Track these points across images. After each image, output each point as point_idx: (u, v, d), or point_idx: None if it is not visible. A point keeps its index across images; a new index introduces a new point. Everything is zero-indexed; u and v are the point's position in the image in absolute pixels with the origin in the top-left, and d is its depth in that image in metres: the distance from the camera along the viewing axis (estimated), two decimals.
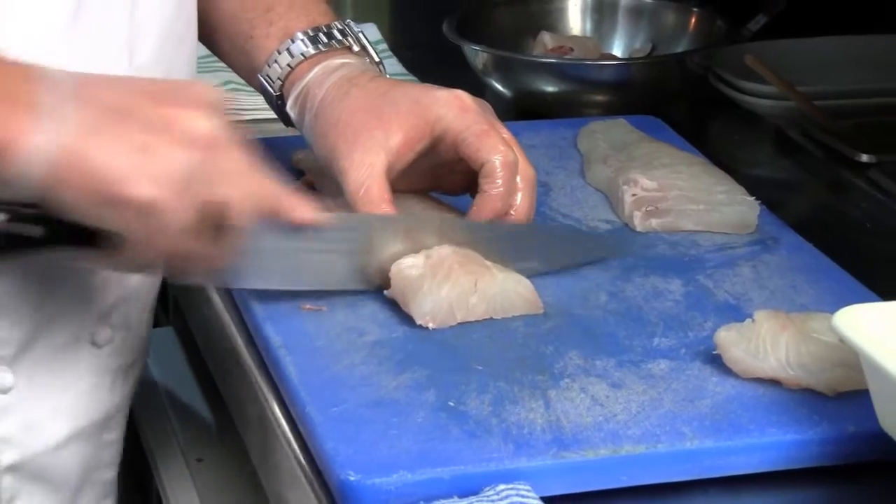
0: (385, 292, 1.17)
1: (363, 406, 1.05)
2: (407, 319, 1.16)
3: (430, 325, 1.13)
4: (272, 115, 1.60)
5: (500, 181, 1.20)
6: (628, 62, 1.71)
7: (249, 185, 1.02)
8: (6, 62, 0.98)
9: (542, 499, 0.96)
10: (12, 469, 1.15)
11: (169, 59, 1.20)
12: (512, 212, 1.22)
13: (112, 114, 0.97)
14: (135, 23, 1.15)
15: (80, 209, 0.97)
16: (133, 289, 1.20)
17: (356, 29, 1.30)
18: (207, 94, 1.01)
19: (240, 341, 1.19)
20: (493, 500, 0.96)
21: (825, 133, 1.55)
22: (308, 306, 1.17)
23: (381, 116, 1.21)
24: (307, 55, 1.28)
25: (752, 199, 1.34)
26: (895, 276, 1.28)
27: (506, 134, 1.23)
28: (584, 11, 1.78)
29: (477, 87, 1.65)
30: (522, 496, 0.96)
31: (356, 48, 1.29)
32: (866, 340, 0.97)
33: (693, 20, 1.73)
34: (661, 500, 1.01)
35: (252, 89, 1.64)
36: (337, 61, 1.27)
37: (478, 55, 1.64)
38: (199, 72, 1.65)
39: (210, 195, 1.00)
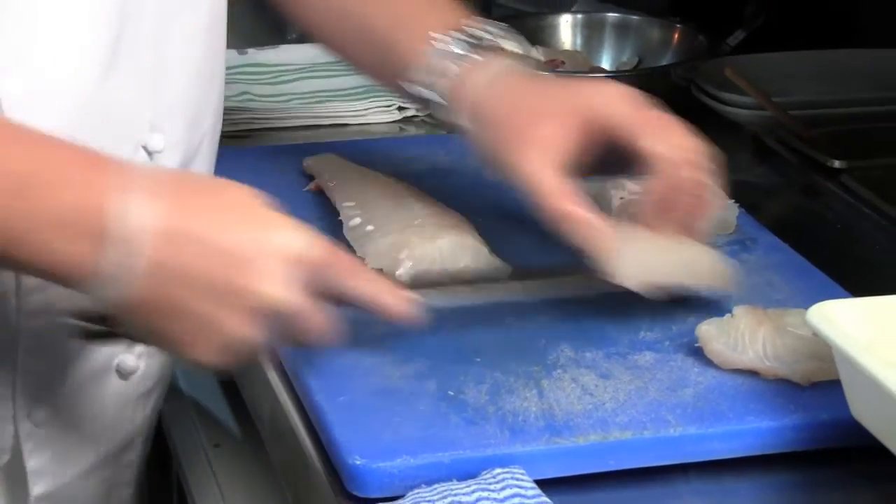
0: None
1: (369, 395, 1.05)
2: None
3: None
4: (285, 124, 1.61)
5: (669, 170, 1.12)
6: (616, 75, 1.71)
7: (315, 336, 0.99)
8: (92, 163, 0.93)
9: (536, 482, 0.96)
10: (41, 499, 1.13)
11: (197, 97, 1.16)
12: (698, 195, 1.14)
13: (183, 281, 0.93)
14: (163, 66, 1.11)
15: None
16: None
17: (501, 25, 1.20)
18: (294, 248, 0.96)
19: None
20: (489, 484, 0.96)
21: (799, 141, 1.55)
22: None
23: (544, 112, 1.12)
24: (464, 57, 1.16)
25: (731, 201, 1.34)
26: (865, 274, 1.28)
27: (667, 118, 1.14)
28: (574, 27, 1.78)
29: None
30: (517, 479, 0.96)
31: (507, 48, 1.19)
32: (838, 334, 0.97)
33: (676, 35, 1.73)
34: (646, 484, 1.01)
35: (266, 98, 1.65)
36: (494, 65, 1.16)
37: None
38: None
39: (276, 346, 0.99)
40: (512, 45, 1.21)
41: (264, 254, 0.94)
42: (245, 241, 0.94)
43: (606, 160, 1.15)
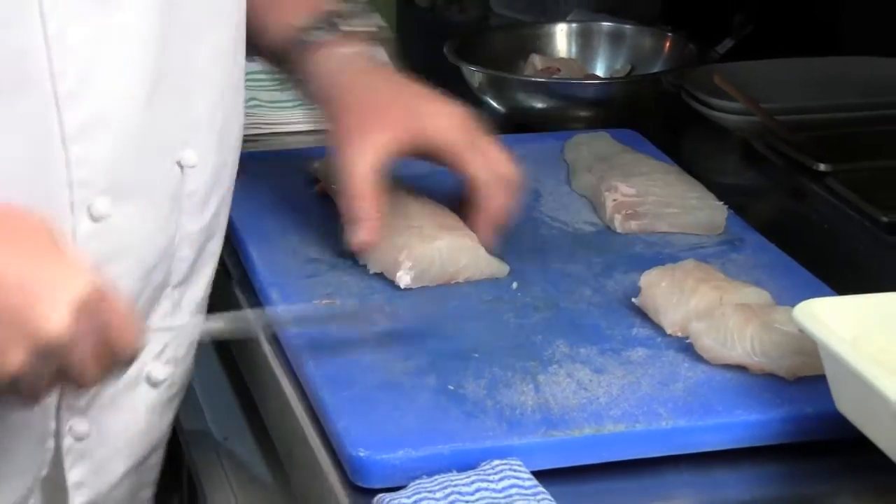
0: (634, 300, 1.16)
1: (372, 389, 1.05)
2: (412, 310, 1.16)
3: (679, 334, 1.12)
4: (292, 128, 1.61)
5: (493, 192, 1.21)
6: (609, 81, 1.71)
7: (94, 365, 0.94)
8: None
9: (533, 473, 0.96)
10: None
11: (224, 113, 1.15)
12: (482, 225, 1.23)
13: None
14: (192, 85, 1.11)
15: None
16: (181, 328, 1.16)
17: (375, 16, 1.29)
18: (79, 287, 0.92)
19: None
20: (488, 475, 0.96)
21: (786, 145, 1.55)
22: (324, 300, 1.17)
23: (379, 118, 1.21)
24: (319, 40, 1.24)
25: (720, 203, 1.34)
26: (849, 273, 1.28)
27: (487, 144, 1.23)
28: (569, 36, 1.78)
29: (474, 104, 1.65)
30: (515, 470, 0.96)
31: (362, 32, 1.29)
32: (823, 331, 0.97)
33: (667, 44, 1.73)
34: (638, 475, 1.01)
35: (275, 104, 1.65)
36: (346, 50, 1.25)
37: (475, 75, 1.64)
38: None
39: (59, 377, 0.94)
40: (367, 25, 1.29)
41: (52, 286, 0.91)
42: (33, 269, 0.92)
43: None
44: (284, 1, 1.26)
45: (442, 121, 1.22)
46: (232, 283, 1.27)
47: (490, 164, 1.22)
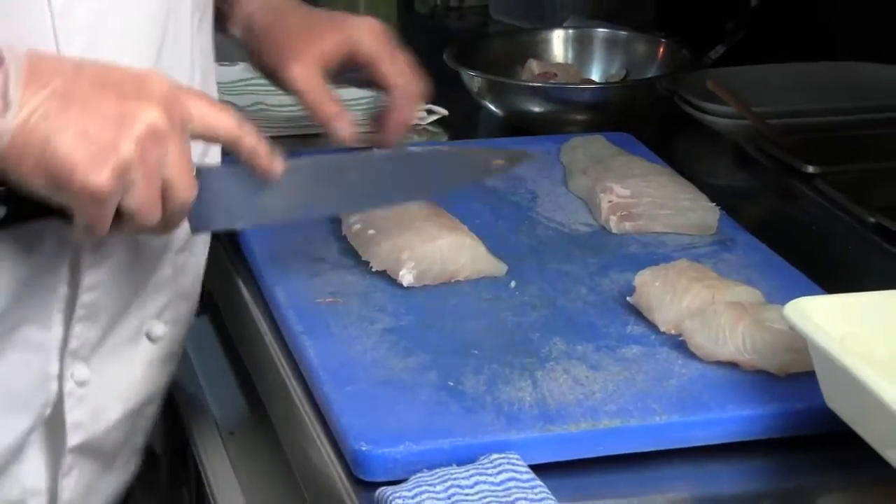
0: (628, 299, 1.16)
1: (374, 385, 1.05)
2: (413, 310, 1.16)
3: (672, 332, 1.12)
4: (294, 131, 1.61)
5: (404, 100, 1.33)
6: (605, 86, 1.71)
7: (188, 171, 1.00)
8: None
9: (530, 467, 0.96)
10: (74, 449, 1.15)
11: (208, 77, 1.22)
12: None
13: (71, 102, 0.94)
14: (194, 65, 1.16)
15: (36, 187, 0.95)
16: (183, 290, 1.21)
17: None
18: (161, 86, 0.98)
19: (266, 329, 1.19)
20: (487, 468, 0.96)
21: (776, 148, 1.55)
22: (328, 299, 1.17)
23: (312, 33, 1.32)
24: None
25: (712, 204, 1.34)
26: (838, 272, 1.28)
27: (403, 58, 1.34)
28: (566, 42, 1.78)
29: (473, 108, 1.65)
30: (513, 464, 0.96)
31: None
32: (813, 329, 0.97)
33: (661, 49, 1.73)
34: (633, 468, 1.01)
35: (280, 108, 1.65)
36: None
37: (474, 80, 1.64)
38: (233, 94, 1.66)
39: (156, 179, 0.97)
40: None
41: (142, 84, 0.97)
42: (122, 74, 0.98)
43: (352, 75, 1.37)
44: None
45: (364, 32, 1.33)
46: (238, 282, 1.27)
47: (403, 71, 1.33)
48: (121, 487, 1.25)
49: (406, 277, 1.19)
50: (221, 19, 1.32)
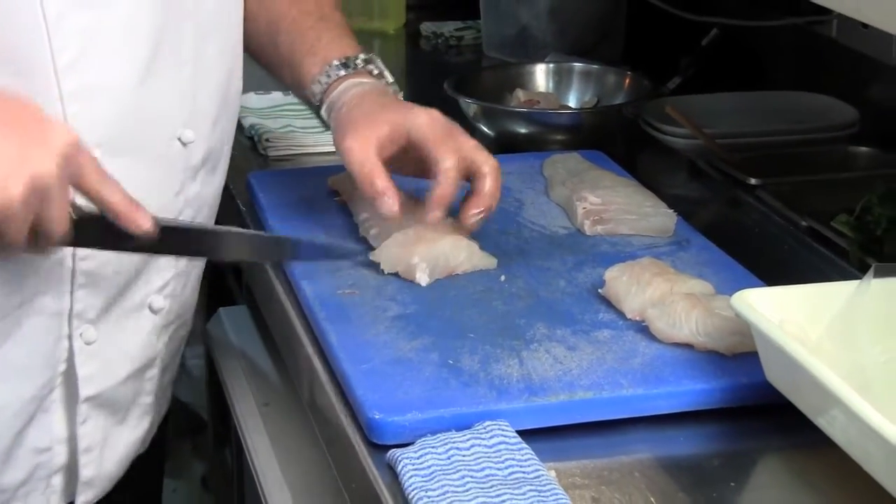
0: (600, 290, 1.15)
1: (385, 364, 1.04)
2: (418, 300, 1.15)
3: (637, 318, 1.11)
4: (321, 149, 1.60)
5: (446, 181, 1.18)
6: (580, 111, 1.70)
7: (64, 216, 0.97)
8: None
9: (517, 432, 0.96)
10: (88, 399, 1.14)
11: (220, 103, 1.19)
12: (478, 192, 1.20)
13: None
14: (198, 77, 1.14)
15: None
16: (182, 270, 1.20)
17: (377, 59, 1.29)
18: (65, 140, 0.95)
19: (295, 316, 1.18)
20: (481, 434, 0.95)
21: (724, 163, 1.54)
22: (346, 291, 1.17)
23: (375, 118, 1.21)
24: (338, 76, 1.26)
25: (670, 211, 1.33)
26: (776, 268, 1.27)
27: (463, 142, 1.21)
28: (547, 74, 1.77)
29: (469, 129, 1.64)
30: (503, 430, 0.96)
31: (375, 72, 1.28)
32: (755, 315, 0.97)
33: (627, 81, 1.72)
34: (605, 433, 1.00)
35: (305, 130, 1.64)
36: (357, 80, 1.26)
37: (469, 106, 1.63)
38: (267, 118, 1.65)
39: (36, 218, 0.95)
40: (376, 68, 1.29)
41: (44, 134, 0.95)
42: (29, 120, 0.95)
43: (414, 166, 1.23)
44: (318, 47, 1.29)
45: (421, 118, 1.21)
46: (272, 277, 1.26)
47: (462, 149, 1.20)
48: (136, 444, 1.23)
49: (423, 279, 1.18)
50: (315, 104, 1.29)
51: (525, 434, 0.96)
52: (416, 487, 0.90)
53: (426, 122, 1.20)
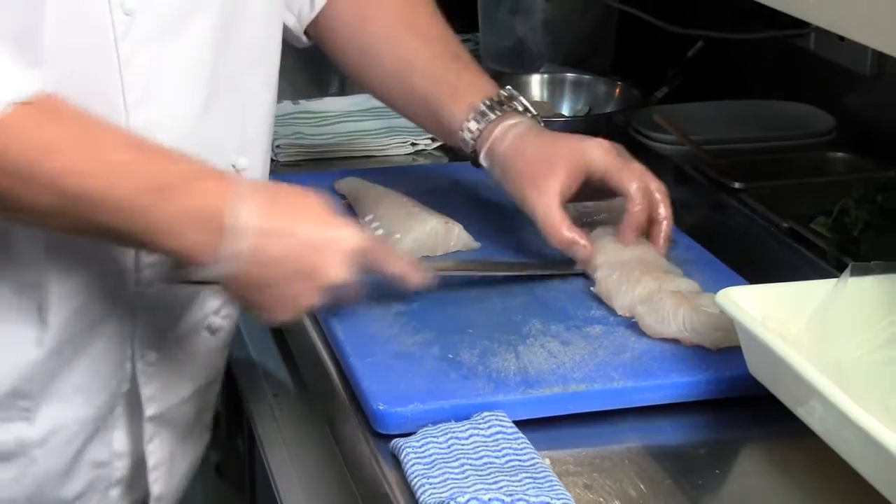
0: (592, 288, 1.15)
1: (389, 357, 1.04)
2: (420, 297, 1.15)
3: (627, 315, 1.10)
4: (327, 155, 1.60)
5: (639, 202, 1.16)
6: (573, 119, 1.70)
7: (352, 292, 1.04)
8: (208, 184, 0.97)
9: (514, 422, 0.96)
10: (153, 418, 1.13)
11: (268, 129, 1.18)
12: (657, 222, 1.18)
13: (278, 265, 0.97)
14: (247, 108, 1.12)
15: (233, 300, 1.04)
16: None
17: (517, 94, 1.24)
18: (351, 243, 1.00)
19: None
20: (479, 424, 0.95)
21: (709, 168, 1.54)
22: None
23: (549, 164, 1.16)
24: (489, 121, 1.20)
25: None
26: (758, 267, 1.26)
27: (637, 166, 1.18)
28: (542, 84, 1.77)
29: None
30: (500, 421, 0.95)
31: (520, 108, 1.23)
32: (739, 312, 0.97)
33: (617, 90, 1.72)
34: (596, 423, 1.00)
35: (314, 136, 1.64)
36: (510, 121, 1.20)
37: None
38: (278, 125, 1.64)
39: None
40: (520, 104, 1.23)
41: (332, 246, 0.99)
42: (319, 235, 0.99)
43: (589, 192, 1.20)
44: (460, 90, 1.22)
45: (597, 151, 1.17)
46: None
47: (642, 177, 1.17)
48: (198, 456, 1.23)
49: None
50: (472, 153, 1.22)
51: (521, 424, 0.96)
52: (418, 475, 0.90)
53: (601, 155, 1.16)
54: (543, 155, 1.16)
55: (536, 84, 1.77)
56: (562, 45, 1.99)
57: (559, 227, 1.15)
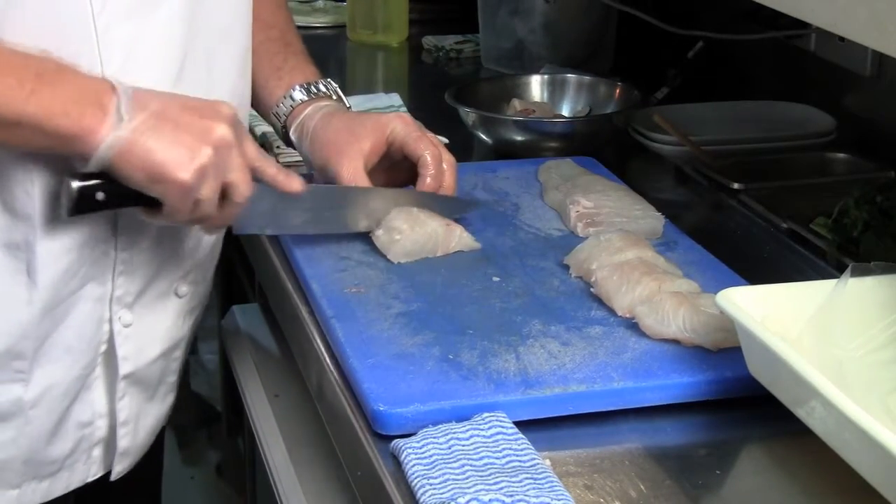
0: (592, 289, 1.15)
1: (389, 358, 1.04)
2: (420, 298, 1.15)
3: (627, 315, 1.11)
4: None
5: (431, 168, 1.26)
6: (573, 120, 1.70)
7: (247, 175, 1.08)
8: (85, 75, 1.03)
9: (514, 423, 0.96)
10: (125, 377, 1.18)
11: (239, 109, 1.21)
12: (443, 187, 1.27)
13: (165, 120, 1.03)
14: (212, 83, 1.16)
15: (136, 182, 1.03)
16: (202, 259, 1.24)
17: (334, 84, 1.35)
18: (228, 109, 1.07)
19: (304, 313, 1.18)
20: (479, 424, 0.95)
21: (709, 169, 1.54)
22: (353, 289, 1.16)
23: (355, 133, 1.27)
24: (303, 100, 1.32)
25: (658, 214, 1.33)
26: (758, 267, 1.27)
27: (432, 136, 1.29)
28: (542, 85, 1.77)
29: (468, 137, 1.64)
30: (500, 421, 0.95)
31: (334, 97, 1.34)
32: (739, 312, 0.97)
33: (617, 91, 1.72)
34: (596, 424, 1.00)
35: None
36: (322, 103, 1.32)
37: (469, 115, 1.63)
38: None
39: (223, 179, 1.06)
40: (334, 93, 1.34)
41: (211, 106, 1.06)
42: (195, 101, 1.07)
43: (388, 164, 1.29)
44: (283, 71, 1.34)
45: (397, 122, 1.28)
46: (283, 276, 1.26)
47: (437, 146, 1.28)
48: (162, 417, 1.28)
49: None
50: (283, 128, 1.33)
51: (521, 425, 0.96)
52: (419, 475, 0.90)
53: (402, 125, 1.28)
54: (349, 126, 1.28)
55: (537, 85, 1.77)
56: (562, 47, 2.00)
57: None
